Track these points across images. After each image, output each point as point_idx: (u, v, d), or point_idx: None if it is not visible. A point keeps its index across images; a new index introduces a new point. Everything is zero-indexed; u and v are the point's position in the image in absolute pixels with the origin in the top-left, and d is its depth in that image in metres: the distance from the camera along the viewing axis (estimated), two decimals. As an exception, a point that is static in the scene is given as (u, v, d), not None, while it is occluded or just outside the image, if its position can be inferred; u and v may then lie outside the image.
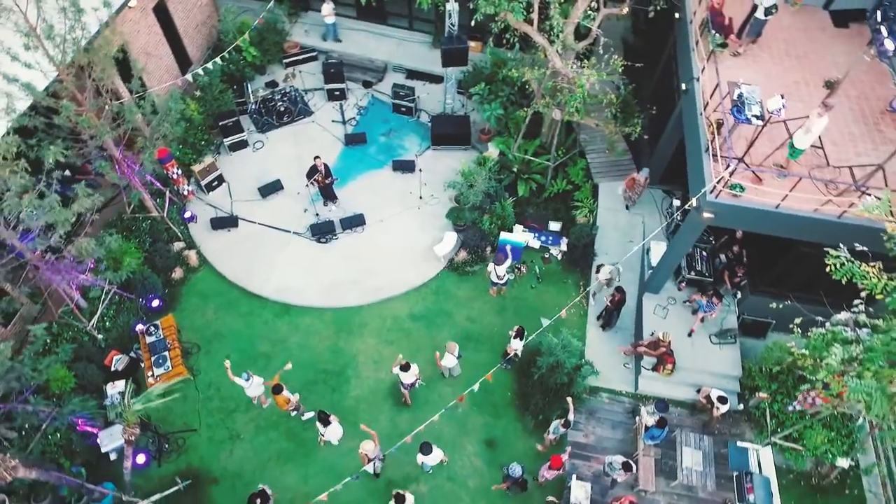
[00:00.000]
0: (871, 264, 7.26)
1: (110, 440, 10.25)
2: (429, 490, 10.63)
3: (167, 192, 12.89)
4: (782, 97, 9.05)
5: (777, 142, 10.28)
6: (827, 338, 7.97)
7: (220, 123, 14.29)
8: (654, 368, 11.70)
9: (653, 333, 11.64)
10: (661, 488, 10.72)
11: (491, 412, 11.52)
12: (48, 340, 10.75)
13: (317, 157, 12.98)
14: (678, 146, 12.66)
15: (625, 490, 10.55)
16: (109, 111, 10.45)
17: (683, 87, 12.02)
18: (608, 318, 12.18)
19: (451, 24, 13.11)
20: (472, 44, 16.68)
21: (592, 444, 11.23)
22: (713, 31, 11.87)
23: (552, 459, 9.69)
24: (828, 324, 8.18)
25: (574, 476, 10.46)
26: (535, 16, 12.35)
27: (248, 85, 15.59)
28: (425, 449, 9.67)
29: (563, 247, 13.42)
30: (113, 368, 11.18)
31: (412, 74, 16.82)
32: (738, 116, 9.58)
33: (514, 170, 14.19)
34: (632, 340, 12.39)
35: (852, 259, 7.35)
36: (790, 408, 10.84)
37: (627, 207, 13.45)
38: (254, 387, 10.48)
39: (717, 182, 9.63)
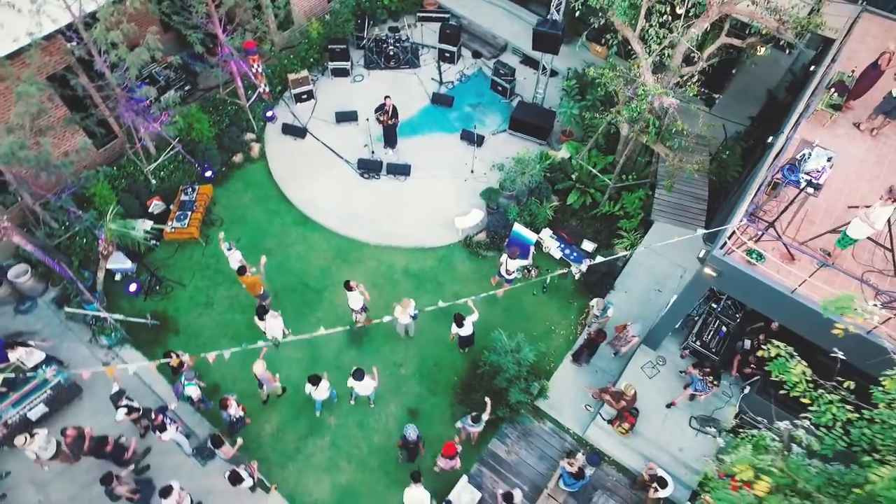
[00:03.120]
0: (810, 372, 5.88)
1: (116, 261, 11.89)
2: (336, 425, 10.79)
3: (260, 87, 14.33)
4: (829, 159, 7.53)
5: (840, 222, 8.61)
6: (754, 440, 6.63)
7: (330, 47, 15.47)
8: (612, 421, 10.55)
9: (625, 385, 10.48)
10: (554, 539, 9.75)
11: (430, 387, 11.29)
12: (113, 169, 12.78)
13: (387, 97, 13.52)
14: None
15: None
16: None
17: (770, 139, 10.50)
18: (578, 353, 11.20)
19: (557, 6, 12.67)
20: (597, 48, 16.08)
21: (510, 462, 10.50)
22: (831, 90, 10.16)
23: (444, 446, 9.29)
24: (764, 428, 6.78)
25: (467, 477, 9.91)
26: (639, 22, 11.52)
27: (370, 22, 16.56)
28: (357, 375, 9.83)
29: (584, 267, 12.49)
30: (150, 210, 12.89)
31: (527, 61, 16.60)
32: (786, 175, 8.17)
33: (573, 177, 13.47)
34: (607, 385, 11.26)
35: (792, 354, 6.01)
36: None
37: (615, 354, 11.49)
38: (233, 259, 11.39)
39: (729, 237, 8.34)
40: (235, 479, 9.03)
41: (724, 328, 10.66)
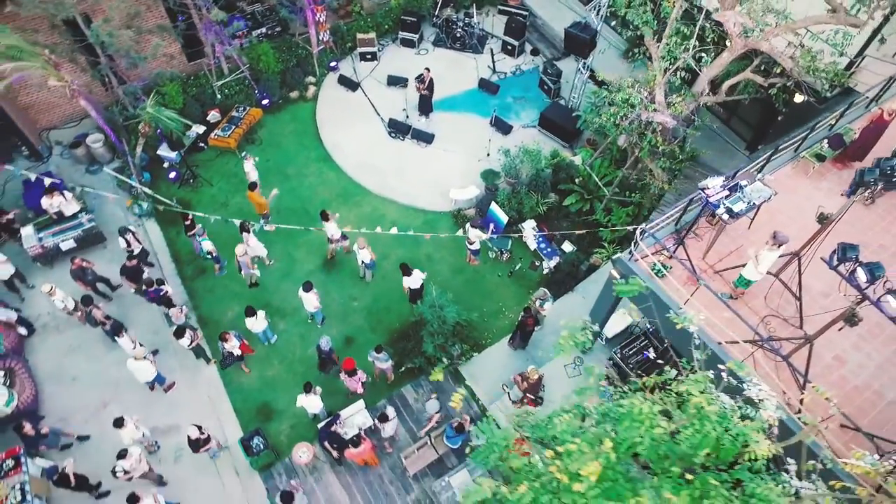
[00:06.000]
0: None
1: (165, 150, 14.22)
2: (282, 331, 12.22)
3: (321, 36, 16.10)
4: (725, 179, 7.57)
5: (776, 266, 8.47)
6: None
7: (402, 17, 16.91)
8: (516, 403, 10.98)
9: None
10: (424, 484, 10.48)
11: (372, 324, 12.36)
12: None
13: (427, 69, 14.70)
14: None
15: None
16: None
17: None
18: (513, 336, 11.67)
19: (597, 12, 13.03)
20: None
21: (414, 409, 11.35)
22: (824, 140, 9.83)
23: (345, 361, 10.37)
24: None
25: (364, 403, 10.88)
26: (663, 40, 11.66)
27: (449, 3, 17.77)
28: (306, 286, 11.21)
29: (552, 264, 12.87)
30: (207, 118, 15.15)
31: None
32: (708, 197, 8.23)
33: (577, 181, 13.79)
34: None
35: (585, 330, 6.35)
36: None
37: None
38: (247, 166, 13.19)
39: (633, 245, 8.57)
40: (179, 334, 10.75)
41: (649, 350, 10.63)
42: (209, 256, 12.51)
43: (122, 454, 9.29)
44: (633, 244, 8.56)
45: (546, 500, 5.03)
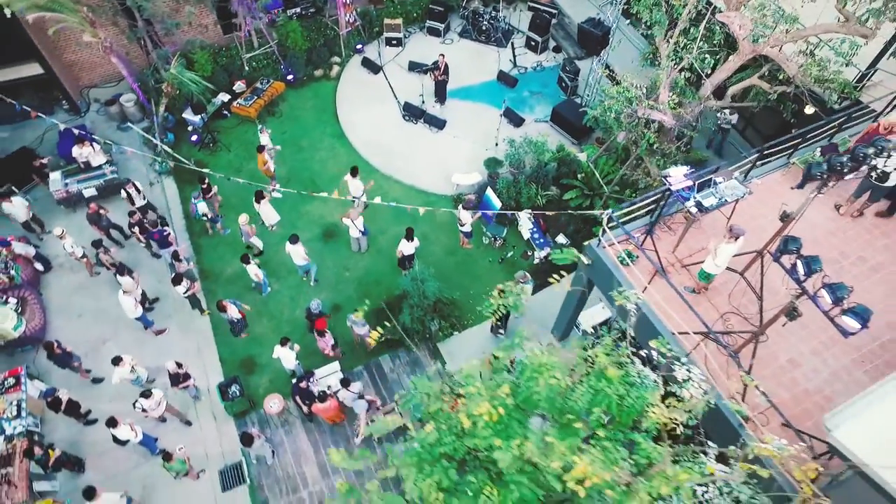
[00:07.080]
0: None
1: (189, 114, 15.03)
2: (275, 290, 12.78)
3: (346, 17, 16.65)
4: (689, 170, 7.62)
5: (741, 264, 8.47)
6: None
7: (431, 6, 17.32)
8: (487, 382, 11.18)
9: (509, 354, 11.03)
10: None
11: (361, 294, 12.75)
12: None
13: (441, 55, 15.06)
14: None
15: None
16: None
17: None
18: (495, 323, 11.88)
19: (614, 9, 13.13)
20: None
21: (388, 378, 11.69)
22: (818, 150, 9.70)
23: (317, 321, 10.80)
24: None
25: (339, 364, 11.30)
26: (672, 39, 11.68)
27: (472, -4, 18.16)
28: (293, 239, 11.75)
29: (542, 254, 13.01)
30: (234, 88, 15.91)
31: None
32: (670, 185, 8.28)
33: (579, 177, 13.88)
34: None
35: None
36: None
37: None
38: (263, 139, 13.83)
39: (602, 233, 8.69)
40: (176, 281, 11.40)
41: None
42: (204, 217, 13.16)
43: (146, 393, 9.99)
44: (601, 232, 8.67)
45: (449, 441, 5.30)
